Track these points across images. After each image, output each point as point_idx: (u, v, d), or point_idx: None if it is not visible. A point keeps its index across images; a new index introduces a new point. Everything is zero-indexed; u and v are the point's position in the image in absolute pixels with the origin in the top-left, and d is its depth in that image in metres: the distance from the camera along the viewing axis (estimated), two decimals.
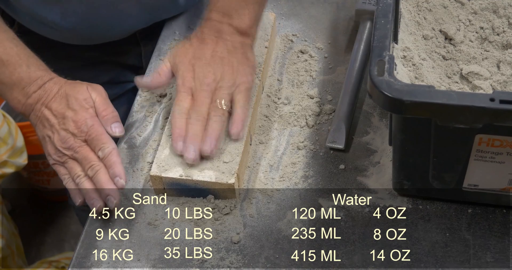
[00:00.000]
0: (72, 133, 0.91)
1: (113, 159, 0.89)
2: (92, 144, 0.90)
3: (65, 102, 0.92)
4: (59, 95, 0.93)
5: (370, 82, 0.72)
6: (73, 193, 0.91)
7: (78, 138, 0.91)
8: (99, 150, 0.89)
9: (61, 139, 0.91)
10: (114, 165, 0.88)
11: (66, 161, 0.91)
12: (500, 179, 0.81)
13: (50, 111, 0.93)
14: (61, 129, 0.91)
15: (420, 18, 0.93)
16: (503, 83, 0.89)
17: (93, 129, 0.91)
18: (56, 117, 0.92)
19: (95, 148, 0.90)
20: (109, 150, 0.89)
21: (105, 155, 0.89)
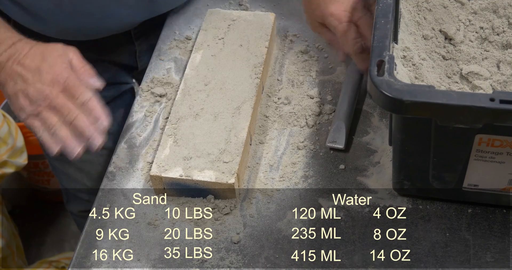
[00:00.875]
0: (48, 84, 0.89)
1: (92, 104, 0.88)
2: (69, 93, 0.89)
3: (39, 58, 0.91)
4: (33, 52, 0.92)
5: (370, 82, 0.72)
6: (48, 143, 0.90)
7: (54, 89, 0.89)
8: (77, 98, 0.88)
9: (37, 91, 0.89)
10: (94, 109, 0.88)
11: (41, 112, 0.90)
12: (500, 179, 0.81)
13: (22, 67, 0.91)
14: (36, 82, 0.90)
15: (420, 18, 0.93)
16: (503, 83, 0.89)
17: (70, 80, 0.89)
18: (30, 71, 0.90)
19: (73, 97, 0.89)
20: (88, 96, 0.88)
21: (85, 101, 0.88)
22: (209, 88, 0.99)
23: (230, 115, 0.95)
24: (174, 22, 1.17)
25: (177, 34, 1.15)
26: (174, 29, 1.16)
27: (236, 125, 0.94)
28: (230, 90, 0.99)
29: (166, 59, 1.11)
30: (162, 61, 1.10)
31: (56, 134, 0.89)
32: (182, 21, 1.17)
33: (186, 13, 1.19)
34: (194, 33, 1.14)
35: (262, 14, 1.11)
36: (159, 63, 1.10)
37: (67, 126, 0.89)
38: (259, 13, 1.11)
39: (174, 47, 1.13)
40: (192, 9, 1.19)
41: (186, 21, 1.17)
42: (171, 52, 1.12)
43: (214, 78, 1.01)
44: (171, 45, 1.13)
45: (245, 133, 0.93)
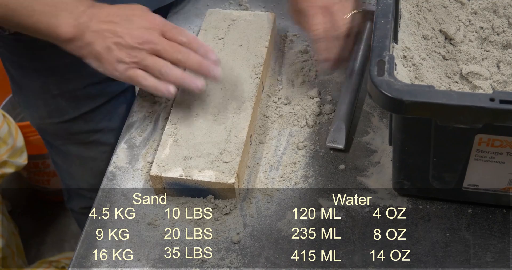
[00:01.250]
0: (145, 29, 0.89)
1: (198, 42, 0.90)
2: (171, 34, 0.90)
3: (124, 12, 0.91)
4: (115, 10, 0.91)
5: (370, 82, 0.72)
6: (160, 86, 0.90)
7: (154, 32, 0.89)
8: (181, 36, 0.90)
9: (136, 36, 0.88)
10: (202, 46, 0.90)
11: (144, 58, 0.89)
12: (500, 179, 0.81)
13: (110, 23, 0.89)
14: (131, 30, 0.89)
15: (420, 18, 0.93)
16: (503, 83, 0.89)
17: (167, 23, 0.90)
18: (120, 24, 0.89)
19: (176, 37, 0.90)
20: (191, 35, 0.90)
21: (189, 40, 0.90)
22: (209, 88, 0.99)
23: (230, 115, 0.95)
24: (174, 22, 1.17)
25: None
26: None
27: (236, 125, 0.94)
28: (230, 90, 0.99)
29: None
30: None
31: (168, 74, 0.89)
32: (182, 21, 1.17)
33: (186, 13, 1.19)
34: (194, 33, 1.14)
35: (262, 14, 1.11)
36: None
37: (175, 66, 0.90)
38: (259, 13, 1.11)
39: None
40: (192, 9, 1.19)
41: (186, 21, 1.17)
42: None
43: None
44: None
45: (245, 133, 0.93)
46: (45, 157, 1.92)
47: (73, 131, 1.22)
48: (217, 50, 1.05)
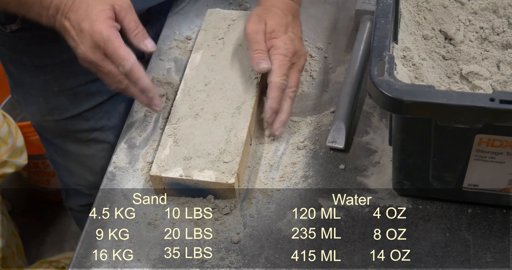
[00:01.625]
0: (90, 48, 0.88)
1: (136, 75, 0.88)
2: (111, 59, 0.88)
3: (82, 11, 0.89)
4: (77, 4, 0.90)
5: (370, 82, 0.72)
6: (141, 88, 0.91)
7: (96, 53, 0.88)
8: (119, 66, 0.88)
9: (82, 54, 0.89)
10: (140, 80, 0.88)
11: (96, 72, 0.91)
12: (500, 179, 0.81)
13: (69, 21, 0.90)
14: (80, 43, 0.89)
15: (420, 18, 0.93)
16: (503, 83, 0.89)
17: (109, 43, 0.87)
18: (75, 29, 0.90)
19: (115, 63, 0.88)
20: (128, 66, 0.88)
21: (127, 71, 0.88)
22: (209, 88, 0.99)
23: (230, 115, 0.95)
24: (174, 22, 1.17)
25: (177, 34, 1.15)
26: (174, 29, 1.16)
27: (236, 125, 0.94)
28: (230, 90, 0.99)
29: (166, 59, 1.11)
30: (162, 61, 1.10)
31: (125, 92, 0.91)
32: (182, 21, 1.17)
33: (186, 13, 1.19)
34: (194, 33, 1.14)
35: None
36: (159, 63, 1.10)
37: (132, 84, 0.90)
38: None
39: (174, 47, 1.12)
40: (192, 9, 1.19)
41: (186, 21, 1.17)
42: (171, 52, 1.12)
43: (214, 78, 1.01)
44: (171, 45, 1.13)
45: (245, 133, 0.93)
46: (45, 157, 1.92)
47: (73, 129, 1.22)
48: (217, 50, 1.05)
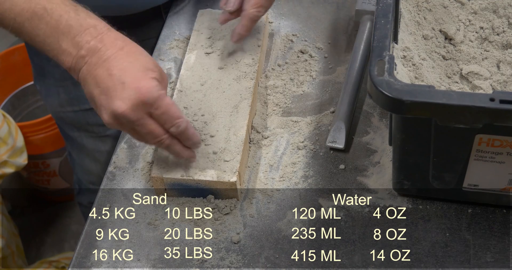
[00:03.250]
0: (134, 103, 0.76)
1: (190, 133, 0.82)
2: (161, 119, 0.79)
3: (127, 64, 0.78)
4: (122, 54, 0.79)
5: (370, 82, 0.72)
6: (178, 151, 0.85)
7: (139, 111, 0.77)
8: (172, 127, 0.79)
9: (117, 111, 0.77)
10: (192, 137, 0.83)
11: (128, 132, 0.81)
12: (500, 179, 0.81)
13: (106, 70, 0.78)
14: (117, 98, 0.77)
15: (420, 18, 0.93)
16: (503, 83, 0.89)
17: (161, 102, 0.77)
18: (112, 79, 0.77)
19: (165, 123, 0.79)
20: (184, 126, 0.80)
21: (180, 132, 0.81)
22: (205, 88, 0.99)
23: (228, 114, 0.95)
24: (174, 22, 1.17)
25: (177, 34, 1.15)
26: (174, 29, 1.16)
27: (234, 123, 0.94)
28: (226, 89, 0.99)
29: (166, 59, 1.11)
30: (162, 61, 1.10)
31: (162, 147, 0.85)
32: (182, 21, 1.17)
33: (186, 13, 1.19)
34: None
35: None
36: (159, 63, 1.10)
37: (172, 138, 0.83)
38: None
39: (174, 47, 1.13)
40: (192, 9, 1.19)
41: (186, 21, 1.17)
42: (171, 52, 1.12)
43: (210, 78, 1.01)
44: (171, 45, 1.13)
45: (244, 131, 0.93)
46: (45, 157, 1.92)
47: (91, 122, 1.22)
48: (210, 50, 1.05)
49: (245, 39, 1.06)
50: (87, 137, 1.27)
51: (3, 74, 1.98)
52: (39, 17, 0.80)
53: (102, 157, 1.27)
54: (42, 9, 0.80)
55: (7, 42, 2.27)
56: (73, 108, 1.22)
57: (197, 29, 1.09)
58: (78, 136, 1.28)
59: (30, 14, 0.80)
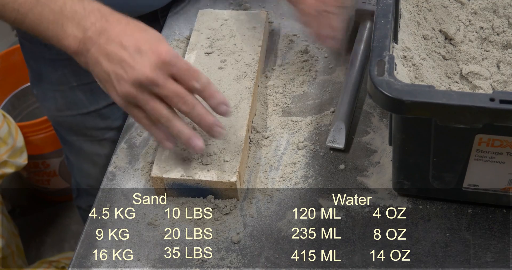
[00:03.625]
0: (153, 67, 0.77)
1: (213, 88, 0.80)
2: (182, 77, 0.79)
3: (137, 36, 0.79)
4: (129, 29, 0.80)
5: (370, 82, 0.72)
6: (160, 137, 0.83)
7: (161, 72, 0.77)
8: (195, 81, 0.79)
9: (142, 76, 0.77)
10: (216, 93, 0.80)
11: (146, 102, 0.79)
12: (500, 179, 0.81)
13: (119, 45, 0.78)
14: (138, 64, 0.77)
15: (420, 18, 0.93)
16: (503, 83, 0.89)
17: (179, 59, 0.78)
18: (128, 51, 0.78)
19: (188, 81, 0.79)
20: (205, 79, 0.79)
21: (204, 86, 0.79)
22: None
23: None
24: (174, 22, 1.17)
25: (177, 34, 1.15)
26: (174, 29, 1.16)
27: (234, 123, 0.94)
28: (226, 89, 0.99)
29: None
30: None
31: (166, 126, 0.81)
32: (182, 21, 1.17)
33: (186, 13, 1.19)
34: None
35: (254, 13, 1.11)
36: None
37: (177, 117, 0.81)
38: (251, 12, 1.12)
39: (174, 47, 1.13)
40: (192, 9, 1.19)
41: (186, 21, 1.17)
42: None
43: (210, 78, 1.00)
44: (171, 45, 1.13)
45: (244, 132, 0.93)
46: (45, 157, 1.92)
47: (89, 125, 1.22)
48: (210, 50, 1.05)
49: (244, 39, 1.06)
50: (85, 141, 1.26)
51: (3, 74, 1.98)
52: (42, 5, 0.81)
53: (101, 161, 1.27)
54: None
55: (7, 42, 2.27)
56: (70, 112, 1.21)
57: (197, 29, 1.09)
58: (76, 140, 1.28)
59: (34, 3, 0.81)
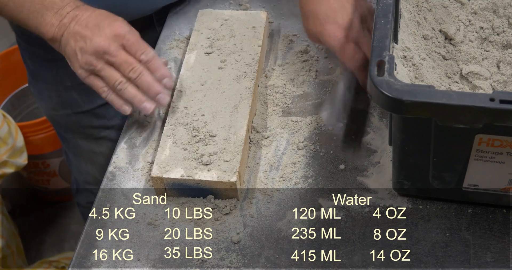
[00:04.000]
0: (107, 38, 0.89)
1: (158, 63, 0.89)
2: (132, 48, 0.90)
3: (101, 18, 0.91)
4: (95, 14, 0.92)
5: (370, 82, 0.72)
6: (118, 103, 0.92)
7: (114, 43, 0.89)
8: (142, 54, 0.89)
9: (95, 45, 0.89)
10: (160, 67, 0.89)
11: (102, 69, 0.90)
12: (500, 179, 0.81)
13: (83, 26, 0.91)
14: (95, 36, 0.89)
15: (420, 18, 0.93)
16: (503, 83, 0.89)
17: (131, 34, 0.90)
18: (90, 28, 0.90)
19: (136, 52, 0.89)
20: (152, 54, 0.89)
21: (149, 59, 0.89)
22: (205, 88, 0.99)
23: (228, 114, 0.95)
24: (174, 22, 1.17)
25: (177, 34, 1.15)
26: (174, 29, 1.16)
27: (234, 123, 0.94)
28: (226, 89, 0.99)
29: (166, 59, 1.11)
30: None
31: (121, 91, 0.90)
32: (182, 21, 1.17)
33: (186, 13, 1.19)
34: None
35: (254, 13, 1.11)
36: None
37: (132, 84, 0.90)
38: (251, 12, 1.12)
39: (174, 47, 1.13)
40: (192, 9, 1.19)
41: (186, 21, 1.17)
42: (171, 52, 1.12)
43: (210, 78, 1.01)
44: (171, 45, 1.13)
45: (244, 131, 0.93)
46: (45, 157, 1.92)
47: (84, 124, 1.23)
48: (210, 50, 1.05)
49: (245, 39, 1.06)
50: (82, 139, 1.27)
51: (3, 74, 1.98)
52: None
53: (98, 159, 1.27)
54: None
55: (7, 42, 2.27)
56: (65, 111, 1.22)
57: (197, 29, 1.09)
58: (73, 138, 1.29)
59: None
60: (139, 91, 0.91)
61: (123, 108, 0.93)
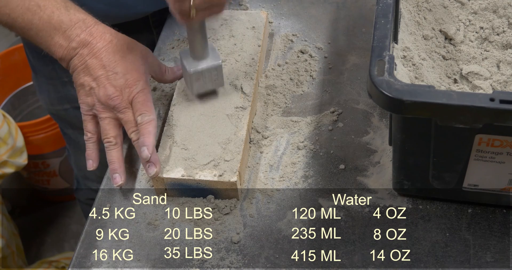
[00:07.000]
0: (122, 88, 0.88)
1: (149, 129, 0.88)
2: (135, 107, 0.89)
3: (118, 55, 0.89)
4: (112, 47, 0.89)
5: (370, 82, 0.72)
6: (91, 154, 0.92)
7: (124, 98, 0.89)
8: (139, 115, 0.89)
9: (108, 95, 0.88)
10: (148, 135, 0.88)
11: (103, 119, 0.90)
12: (500, 179, 0.81)
13: (98, 60, 0.89)
14: (109, 84, 0.88)
15: (420, 18, 0.93)
16: (503, 83, 0.89)
17: (143, 93, 0.89)
18: (105, 69, 0.88)
19: (136, 112, 0.89)
20: (149, 118, 0.88)
21: (143, 123, 0.88)
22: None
23: (228, 114, 0.95)
24: (174, 22, 1.17)
25: (177, 34, 1.15)
26: (174, 29, 1.16)
27: (235, 123, 0.94)
28: (226, 89, 0.99)
29: (166, 59, 1.11)
30: (162, 61, 1.10)
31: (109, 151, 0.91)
32: None
33: None
34: None
35: (254, 13, 1.11)
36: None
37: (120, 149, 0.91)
38: (251, 11, 1.12)
39: (174, 47, 1.13)
40: None
41: None
42: (171, 52, 1.12)
43: None
44: (171, 45, 1.13)
45: (245, 131, 0.93)
46: (45, 157, 1.92)
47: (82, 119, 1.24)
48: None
49: (245, 39, 1.06)
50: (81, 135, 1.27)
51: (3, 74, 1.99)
52: (32, 13, 0.89)
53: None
54: (36, 6, 0.89)
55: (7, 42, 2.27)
56: (63, 106, 1.24)
57: None
58: (72, 133, 1.30)
59: (24, 10, 0.89)
60: (121, 159, 0.91)
61: (89, 161, 0.93)
